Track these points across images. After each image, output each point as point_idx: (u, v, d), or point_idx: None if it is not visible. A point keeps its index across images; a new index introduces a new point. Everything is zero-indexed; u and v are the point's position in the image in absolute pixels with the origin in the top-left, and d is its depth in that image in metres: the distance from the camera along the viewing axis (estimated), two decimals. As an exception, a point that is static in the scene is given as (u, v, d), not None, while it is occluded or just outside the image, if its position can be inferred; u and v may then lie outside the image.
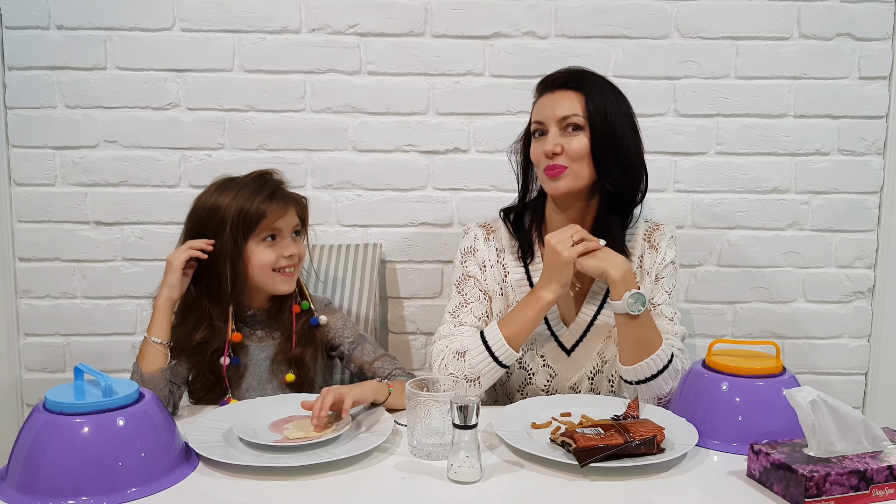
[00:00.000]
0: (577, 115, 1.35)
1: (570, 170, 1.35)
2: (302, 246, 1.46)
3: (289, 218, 1.42)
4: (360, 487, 1.03)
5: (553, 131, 1.36)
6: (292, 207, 1.43)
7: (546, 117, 1.38)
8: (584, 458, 1.04)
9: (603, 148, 1.34)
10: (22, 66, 1.83)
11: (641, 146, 1.41)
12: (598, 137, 1.34)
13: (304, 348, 1.45)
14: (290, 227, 1.43)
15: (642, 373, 1.31)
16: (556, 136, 1.36)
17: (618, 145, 1.35)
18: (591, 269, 1.31)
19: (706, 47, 1.87)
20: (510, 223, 1.49)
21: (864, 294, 1.96)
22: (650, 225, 1.49)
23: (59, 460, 0.96)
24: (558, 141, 1.35)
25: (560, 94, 1.38)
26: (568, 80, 1.38)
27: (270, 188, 1.41)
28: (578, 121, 1.35)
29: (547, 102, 1.39)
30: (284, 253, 1.41)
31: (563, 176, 1.35)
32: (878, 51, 1.87)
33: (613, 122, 1.35)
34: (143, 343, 1.34)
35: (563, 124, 1.36)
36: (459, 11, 1.84)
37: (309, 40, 1.85)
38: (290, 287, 1.44)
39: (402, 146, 1.89)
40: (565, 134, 1.36)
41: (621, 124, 1.36)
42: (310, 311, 1.48)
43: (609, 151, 1.35)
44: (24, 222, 1.89)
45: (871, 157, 1.91)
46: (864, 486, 0.97)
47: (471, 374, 1.34)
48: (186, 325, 1.40)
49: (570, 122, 1.35)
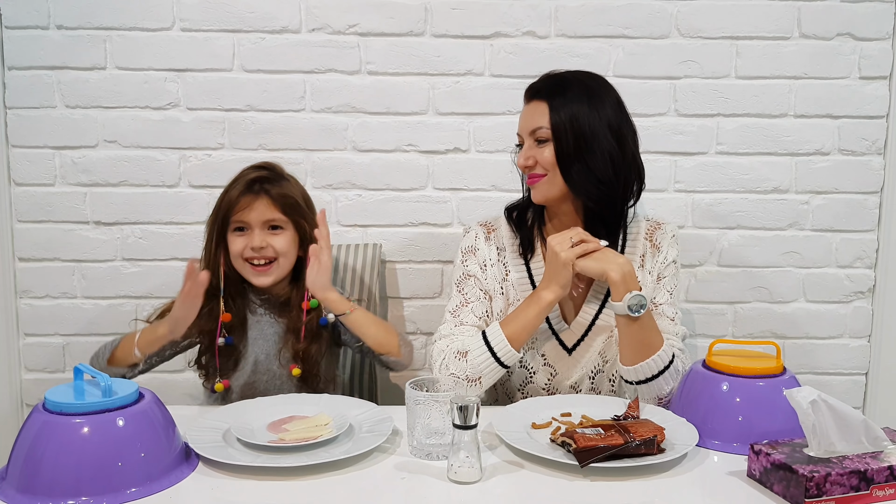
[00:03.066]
0: (543, 128, 1.36)
1: (547, 178, 1.37)
2: (280, 241, 1.45)
3: (257, 211, 1.43)
4: (360, 487, 1.03)
5: (527, 143, 1.40)
6: (265, 201, 1.44)
7: (521, 129, 1.42)
8: (585, 458, 1.04)
9: (568, 159, 1.35)
10: (22, 65, 1.83)
11: (629, 149, 1.37)
12: (562, 149, 1.35)
13: (309, 343, 1.47)
14: (260, 220, 1.44)
15: (643, 373, 1.30)
16: (529, 148, 1.39)
17: (587, 154, 1.33)
18: (591, 270, 1.31)
19: (706, 47, 1.87)
20: (514, 220, 1.50)
21: (865, 294, 1.96)
22: (652, 224, 1.48)
23: (59, 460, 0.96)
24: (530, 154, 1.38)
25: (532, 105, 1.40)
26: (539, 90, 1.39)
27: (245, 180, 1.45)
28: (545, 133, 1.36)
29: (523, 114, 1.42)
30: (251, 244, 1.43)
31: (538, 185, 1.38)
32: (879, 51, 1.87)
33: (583, 131, 1.33)
34: (126, 339, 1.39)
35: (534, 136, 1.38)
36: (459, 11, 1.84)
37: (309, 40, 1.85)
38: (264, 281, 1.45)
39: (402, 146, 1.89)
40: (537, 145, 1.38)
41: (593, 132, 1.33)
42: (319, 309, 1.49)
43: (575, 162, 1.34)
44: (24, 222, 1.88)
45: (871, 157, 1.91)
46: (864, 486, 0.97)
47: (472, 374, 1.34)
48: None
49: (538, 135, 1.37)
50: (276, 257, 1.45)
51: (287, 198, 1.46)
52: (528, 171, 1.40)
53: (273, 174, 1.48)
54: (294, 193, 1.48)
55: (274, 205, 1.44)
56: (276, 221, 1.45)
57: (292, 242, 1.47)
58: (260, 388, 1.48)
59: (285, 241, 1.46)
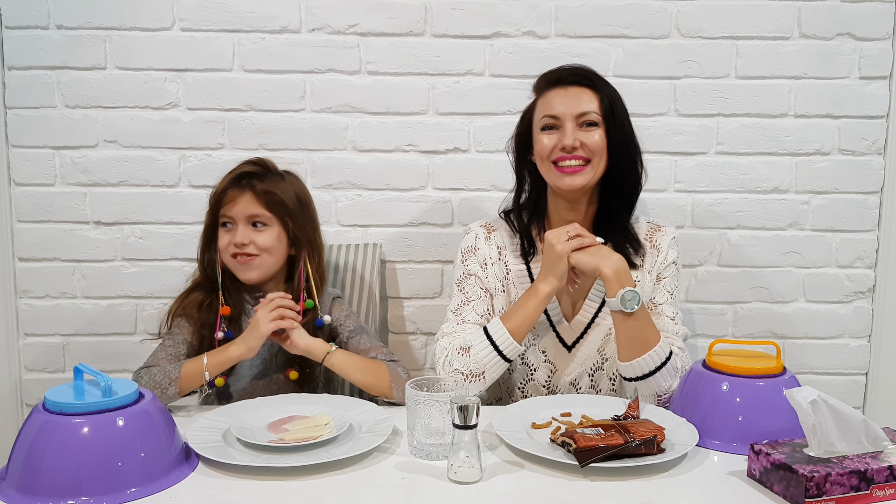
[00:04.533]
0: (594, 112, 1.37)
1: (591, 164, 1.38)
2: (264, 238, 1.43)
3: (240, 206, 1.42)
4: (360, 487, 1.03)
5: (570, 126, 1.37)
6: (249, 196, 1.42)
7: (562, 112, 1.38)
8: (585, 458, 1.04)
9: (617, 144, 1.38)
10: (22, 65, 1.83)
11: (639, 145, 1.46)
12: (612, 134, 1.38)
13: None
14: (243, 215, 1.42)
15: (640, 369, 1.31)
16: (574, 130, 1.37)
17: (627, 141, 1.40)
18: (585, 265, 1.33)
19: (706, 47, 1.87)
20: (511, 221, 1.50)
21: (865, 294, 1.96)
22: (652, 226, 1.49)
23: (59, 460, 0.96)
24: (577, 136, 1.37)
25: (575, 90, 1.40)
26: (581, 76, 1.41)
27: (233, 174, 1.45)
28: (595, 117, 1.38)
29: (560, 98, 1.40)
30: (234, 240, 1.42)
31: (584, 172, 1.38)
32: (879, 51, 1.87)
33: (623, 119, 1.40)
34: (188, 368, 1.33)
35: (581, 120, 1.38)
36: (459, 11, 1.84)
37: (309, 40, 1.85)
38: (249, 276, 1.45)
39: (402, 146, 1.89)
40: (581, 129, 1.38)
41: (628, 122, 1.41)
42: (315, 310, 1.48)
43: (621, 147, 1.39)
44: (24, 222, 1.88)
45: (871, 157, 1.91)
46: (864, 486, 0.97)
47: (476, 369, 1.35)
48: (195, 294, 1.47)
49: (588, 118, 1.38)
50: (259, 254, 1.43)
51: (272, 194, 1.43)
52: (572, 152, 1.37)
53: (262, 169, 1.46)
54: (282, 190, 1.44)
55: (258, 200, 1.42)
56: (259, 217, 1.43)
57: (278, 239, 1.45)
58: (258, 394, 1.46)
59: (269, 238, 1.43)
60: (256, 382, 1.47)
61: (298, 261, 1.49)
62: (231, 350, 1.33)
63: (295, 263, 1.50)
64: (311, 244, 1.49)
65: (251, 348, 1.33)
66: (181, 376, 1.32)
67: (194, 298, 1.47)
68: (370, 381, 1.37)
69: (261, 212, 1.43)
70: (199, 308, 1.45)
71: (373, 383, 1.37)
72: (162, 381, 1.31)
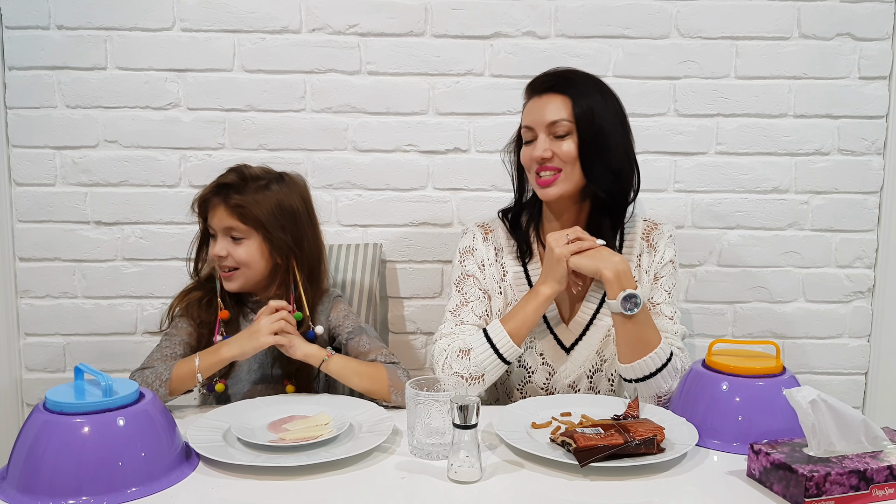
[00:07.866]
0: (565, 120, 1.35)
1: (563, 173, 1.36)
2: (241, 251, 1.39)
3: (217, 218, 1.40)
4: (360, 487, 1.03)
5: (542, 137, 1.37)
6: (222, 209, 1.39)
7: (534, 122, 1.38)
8: (584, 458, 1.04)
9: (590, 152, 1.35)
10: (22, 65, 1.83)
11: (632, 145, 1.42)
12: (585, 141, 1.35)
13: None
14: (219, 227, 1.40)
15: (641, 371, 1.31)
16: (546, 141, 1.37)
17: (606, 148, 1.36)
18: (585, 267, 1.32)
19: (706, 47, 1.87)
20: (508, 224, 1.50)
21: (864, 294, 1.96)
22: (648, 224, 1.49)
23: (60, 460, 0.97)
24: (547, 146, 1.36)
25: (547, 98, 1.38)
26: (554, 83, 1.38)
27: (212, 185, 1.42)
28: (566, 125, 1.35)
29: (535, 107, 1.39)
30: (212, 252, 1.42)
31: (557, 182, 1.37)
32: (878, 51, 1.87)
33: (601, 123, 1.35)
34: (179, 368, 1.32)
35: (552, 129, 1.36)
36: (459, 11, 1.84)
37: (309, 40, 1.85)
38: (231, 287, 1.43)
39: (402, 146, 1.89)
40: (554, 139, 1.36)
41: (609, 125, 1.37)
42: (305, 322, 1.43)
43: (597, 155, 1.35)
44: (25, 222, 1.89)
45: (871, 157, 1.91)
46: (864, 485, 0.97)
47: (475, 372, 1.35)
48: (196, 291, 1.47)
49: (557, 128, 1.36)
50: (238, 267, 1.40)
51: (242, 208, 1.37)
52: (543, 164, 1.37)
53: (240, 180, 1.40)
54: (257, 202, 1.38)
55: (231, 214, 1.38)
56: (235, 230, 1.39)
57: (258, 251, 1.40)
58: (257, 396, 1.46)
59: (246, 252, 1.39)
60: (255, 387, 1.46)
61: (288, 269, 1.45)
62: (223, 351, 1.32)
63: (288, 270, 1.45)
64: (297, 254, 1.43)
65: (244, 353, 1.32)
66: (172, 378, 1.31)
67: (195, 295, 1.47)
68: (369, 385, 1.34)
69: (235, 224, 1.38)
70: (199, 305, 1.45)
71: (372, 388, 1.34)
72: (153, 383, 1.30)
